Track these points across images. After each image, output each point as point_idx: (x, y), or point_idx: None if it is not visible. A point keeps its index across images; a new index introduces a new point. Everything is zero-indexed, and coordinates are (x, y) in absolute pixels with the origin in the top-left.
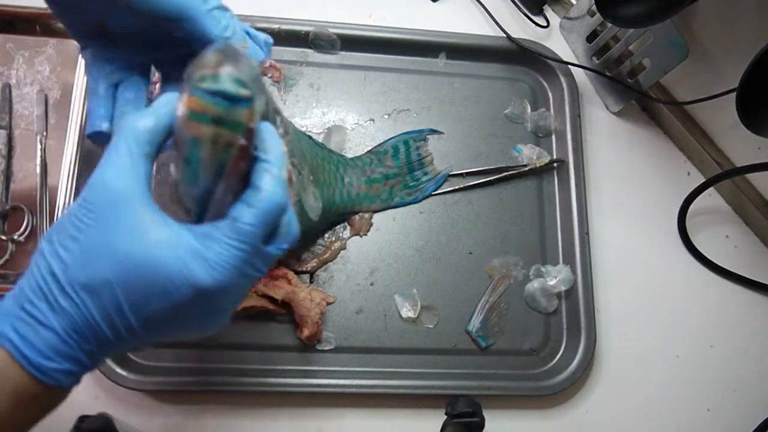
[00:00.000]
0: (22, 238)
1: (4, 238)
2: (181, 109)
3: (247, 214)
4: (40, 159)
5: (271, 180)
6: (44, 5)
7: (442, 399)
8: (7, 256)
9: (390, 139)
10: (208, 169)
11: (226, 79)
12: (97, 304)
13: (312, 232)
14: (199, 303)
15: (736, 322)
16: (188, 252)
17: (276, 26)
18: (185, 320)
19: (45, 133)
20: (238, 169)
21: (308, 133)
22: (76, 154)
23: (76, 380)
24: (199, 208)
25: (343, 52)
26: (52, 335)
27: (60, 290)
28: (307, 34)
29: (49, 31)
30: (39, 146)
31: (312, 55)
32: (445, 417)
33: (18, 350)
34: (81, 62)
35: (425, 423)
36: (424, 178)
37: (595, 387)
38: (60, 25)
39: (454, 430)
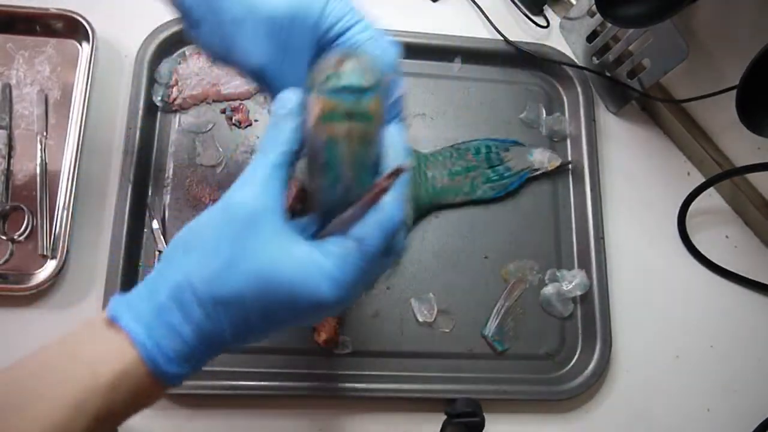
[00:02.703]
0: (22, 238)
1: (4, 238)
2: (311, 116)
3: (374, 236)
4: (40, 159)
5: (395, 200)
6: (44, 5)
7: None
8: (7, 256)
9: (473, 140)
10: (348, 168)
11: (349, 74)
12: (228, 316)
13: None
14: (319, 311)
15: (736, 322)
16: (318, 272)
17: None
18: (301, 322)
19: (45, 133)
20: (373, 160)
21: None
22: (76, 154)
23: (186, 379)
24: (334, 205)
25: None
26: (181, 343)
27: (197, 302)
28: None
29: (49, 31)
30: (39, 146)
31: None
32: (445, 417)
33: (149, 355)
34: (81, 62)
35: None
36: (507, 174)
37: (610, 391)
38: (60, 24)
39: (454, 430)
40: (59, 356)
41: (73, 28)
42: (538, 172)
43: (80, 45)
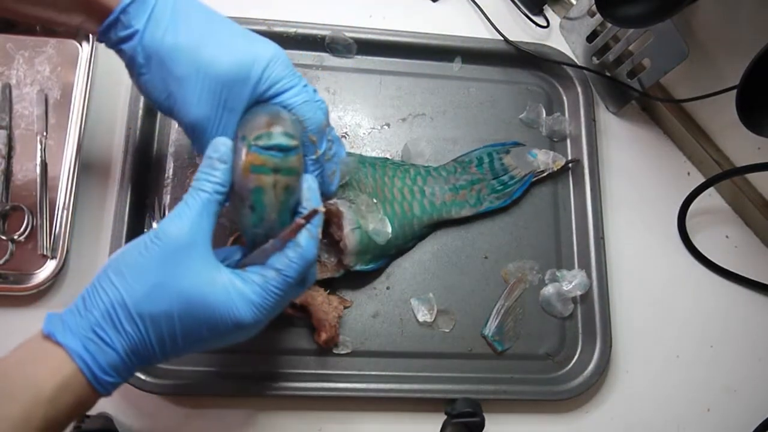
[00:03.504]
0: (22, 238)
1: (4, 238)
2: (242, 166)
3: (292, 267)
4: (40, 159)
5: (310, 238)
6: None
7: None
8: (7, 256)
9: (474, 150)
10: (271, 211)
11: (278, 135)
12: (156, 331)
13: (392, 249)
14: (237, 332)
15: (736, 322)
16: (238, 296)
17: (293, 30)
18: (221, 341)
19: (45, 133)
20: (293, 204)
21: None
22: (76, 154)
23: (116, 388)
24: (257, 239)
25: (359, 56)
26: (115, 355)
27: (128, 318)
28: (323, 38)
29: (49, 31)
30: (39, 146)
31: (328, 59)
32: (445, 417)
33: (87, 367)
34: (81, 62)
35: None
36: (511, 182)
37: (611, 391)
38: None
39: (454, 430)
40: (2, 376)
41: (73, 28)
42: (544, 174)
43: (80, 45)
